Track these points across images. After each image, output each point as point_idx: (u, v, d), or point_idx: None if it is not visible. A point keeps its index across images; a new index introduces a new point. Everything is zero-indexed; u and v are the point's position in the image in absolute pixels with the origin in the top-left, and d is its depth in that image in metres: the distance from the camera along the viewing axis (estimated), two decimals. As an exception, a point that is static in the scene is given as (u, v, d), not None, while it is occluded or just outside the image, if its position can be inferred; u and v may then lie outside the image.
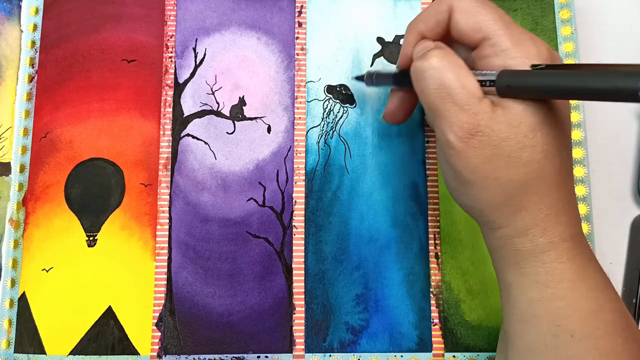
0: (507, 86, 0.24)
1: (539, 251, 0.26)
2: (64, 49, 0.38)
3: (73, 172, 0.36)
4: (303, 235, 0.36)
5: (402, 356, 0.35)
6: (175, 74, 0.38)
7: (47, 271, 0.35)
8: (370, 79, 0.34)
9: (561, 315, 0.25)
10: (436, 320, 0.35)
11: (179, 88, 0.37)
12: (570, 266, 0.25)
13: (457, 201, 0.28)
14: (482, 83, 0.25)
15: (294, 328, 0.35)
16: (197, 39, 0.38)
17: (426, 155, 0.37)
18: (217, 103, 0.37)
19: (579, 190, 0.37)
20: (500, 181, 0.25)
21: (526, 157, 0.24)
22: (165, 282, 0.35)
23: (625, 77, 0.18)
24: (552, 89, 0.21)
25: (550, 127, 0.25)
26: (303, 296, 0.35)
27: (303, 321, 0.35)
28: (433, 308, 0.36)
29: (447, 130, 0.25)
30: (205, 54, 0.38)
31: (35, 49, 0.38)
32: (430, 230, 0.37)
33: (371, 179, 0.37)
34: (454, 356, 0.35)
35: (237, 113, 0.37)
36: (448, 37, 0.29)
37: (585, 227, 0.36)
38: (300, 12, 0.39)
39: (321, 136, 0.37)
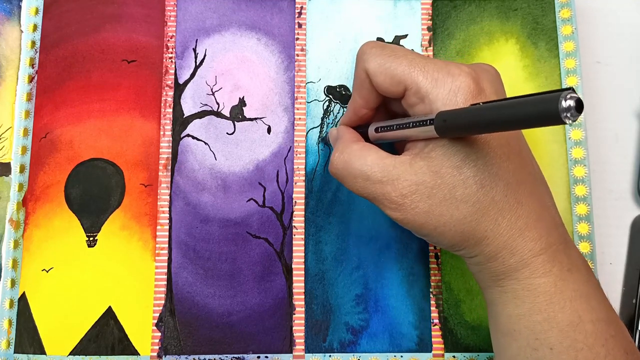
0: (443, 121, 0.24)
1: (512, 270, 0.26)
2: (64, 49, 0.38)
3: (73, 173, 0.36)
4: (303, 236, 0.36)
5: (402, 356, 0.35)
6: (175, 74, 0.38)
7: (47, 271, 0.35)
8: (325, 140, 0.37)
9: (540, 329, 0.25)
10: (436, 321, 0.35)
11: (179, 88, 0.37)
12: (546, 280, 0.26)
13: None
14: (422, 123, 0.26)
15: (294, 328, 0.35)
16: (197, 40, 0.38)
17: (426, 156, 0.37)
18: (217, 104, 0.37)
19: (579, 190, 0.37)
20: (450, 225, 0.26)
21: (460, 194, 0.25)
22: (165, 283, 0.35)
23: (547, 102, 0.19)
24: (484, 123, 0.22)
25: (478, 159, 0.25)
26: (303, 296, 0.35)
27: (303, 321, 0.35)
28: (433, 308, 0.36)
29: (383, 208, 0.27)
30: (205, 55, 0.38)
31: (35, 49, 0.38)
32: (430, 230, 0.37)
33: (371, 179, 0.37)
34: (453, 356, 0.35)
35: (237, 114, 0.37)
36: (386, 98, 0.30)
37: (585, 227, 0.36)
38: (300, 13, 0.39)
39: (321, 137, 0.37)
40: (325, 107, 0.38)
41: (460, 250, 0.27)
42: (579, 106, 0.18)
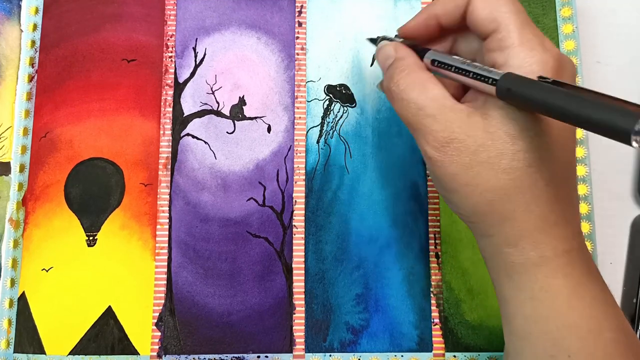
0: (507, 89, 0.23)
1: (530, 265, 0.25)
2: (64, 49, 0.38)
3: (73, 172, 0.36)
4: (303, 235, 0.36)
5: (402, 356, 0.35)
6: (175, 73, 0.38)
7: (47, 271, 0.35)
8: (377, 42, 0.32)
9: (558, 335, 0.24)
10: (436, 320, 0.35)
11: (179, 88, 0.37)
12: (565, 283, 0.24)
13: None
14: (484, 79, 0.24)
15: (294, 328, 0.35)
16: (197, 39, 0.38)
17: (426, 155, 0.37)
18: (217, 103, 0.37)
19: (580, 190, 0.37)
20: (480, 188, 0.25)
21: (505, 164, 0.24)
22: (165, 282, 0.35)
23: (623, 116, 0.17)
24: (549, 107, 0.20)
25: (535, 136, 0.24)
26: (303, 296, 0.35)
27: (303, 321, 0.35)
28: (433, 308, 0.36)
29: (423, 142, 0.26)
30: (205, 54, 0.38)
31: (35, 49, 0.38)
32: (430, 229, 0.36)
33: (371, 178, 0.37)
34: (454, 356, 0.35)
35: (237, 113, 0.37)
36: (461, 23, 0.28)
37: (585, 227, 0.36)
38: (300, 12, 0.39)
39: (321, 136, 0.37)
40: (325, 106, 0.38)
41: (480, 224, 0.26)
42: None
